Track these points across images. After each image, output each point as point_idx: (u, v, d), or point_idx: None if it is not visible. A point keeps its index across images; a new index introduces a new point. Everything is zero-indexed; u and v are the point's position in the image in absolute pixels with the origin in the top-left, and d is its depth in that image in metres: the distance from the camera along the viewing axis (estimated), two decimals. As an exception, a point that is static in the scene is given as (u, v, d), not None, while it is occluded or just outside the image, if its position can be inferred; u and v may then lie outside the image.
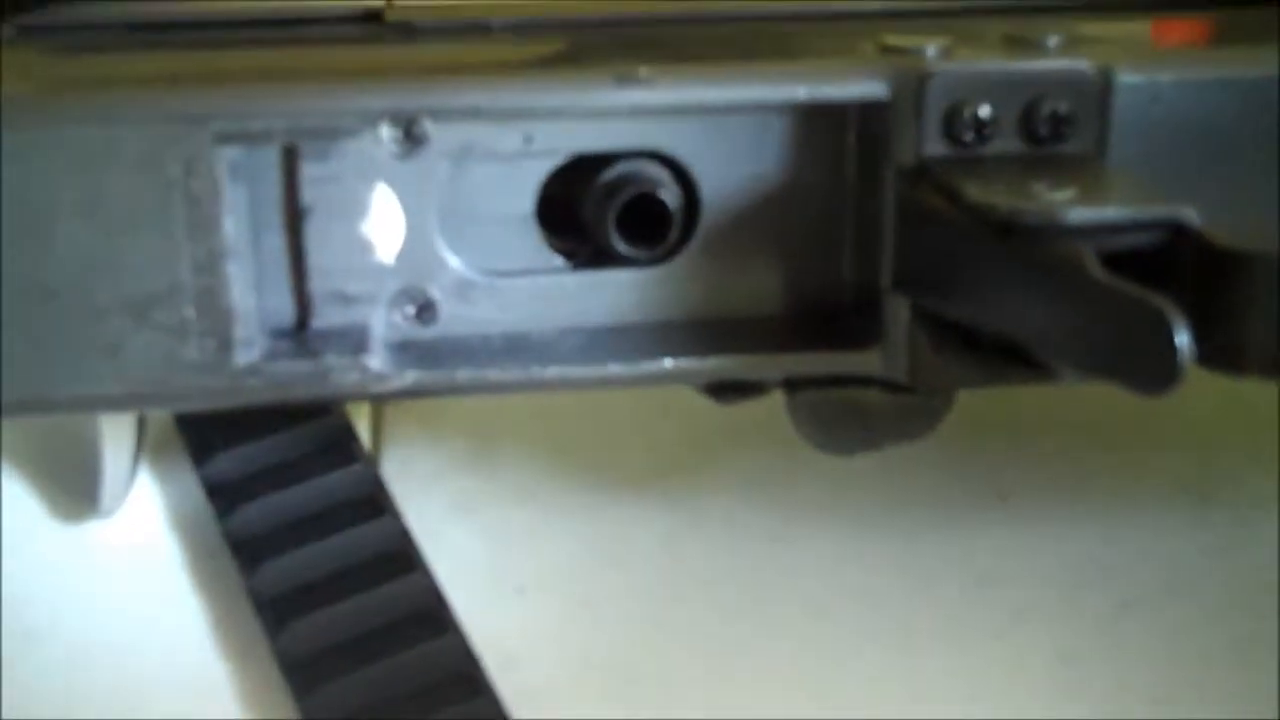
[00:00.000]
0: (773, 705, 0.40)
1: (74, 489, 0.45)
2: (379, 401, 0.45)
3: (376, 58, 0.37)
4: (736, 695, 0.40)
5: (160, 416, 0.46)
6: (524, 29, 0.38)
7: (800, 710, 0.40)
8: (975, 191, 0.31)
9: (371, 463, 0.45)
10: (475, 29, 0.38)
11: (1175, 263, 0.30)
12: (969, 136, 0.33)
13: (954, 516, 0.45)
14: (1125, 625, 0.42)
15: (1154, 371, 0.27)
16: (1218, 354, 0.28)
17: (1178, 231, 0.30)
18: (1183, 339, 0.27)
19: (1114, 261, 0.29)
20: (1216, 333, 0.28)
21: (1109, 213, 0.30)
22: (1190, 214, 0.30)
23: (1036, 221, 0.30)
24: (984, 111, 0.33)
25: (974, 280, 0.32)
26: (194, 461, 0.45)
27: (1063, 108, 0.34)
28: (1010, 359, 0.33)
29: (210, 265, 0.33)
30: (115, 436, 0.43)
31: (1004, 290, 0.31)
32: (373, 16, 0.39)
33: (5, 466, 0.46)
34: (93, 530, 0.45)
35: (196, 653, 0.41)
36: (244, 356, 0.34)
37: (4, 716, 0.39)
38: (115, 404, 0.36)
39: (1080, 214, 0.30)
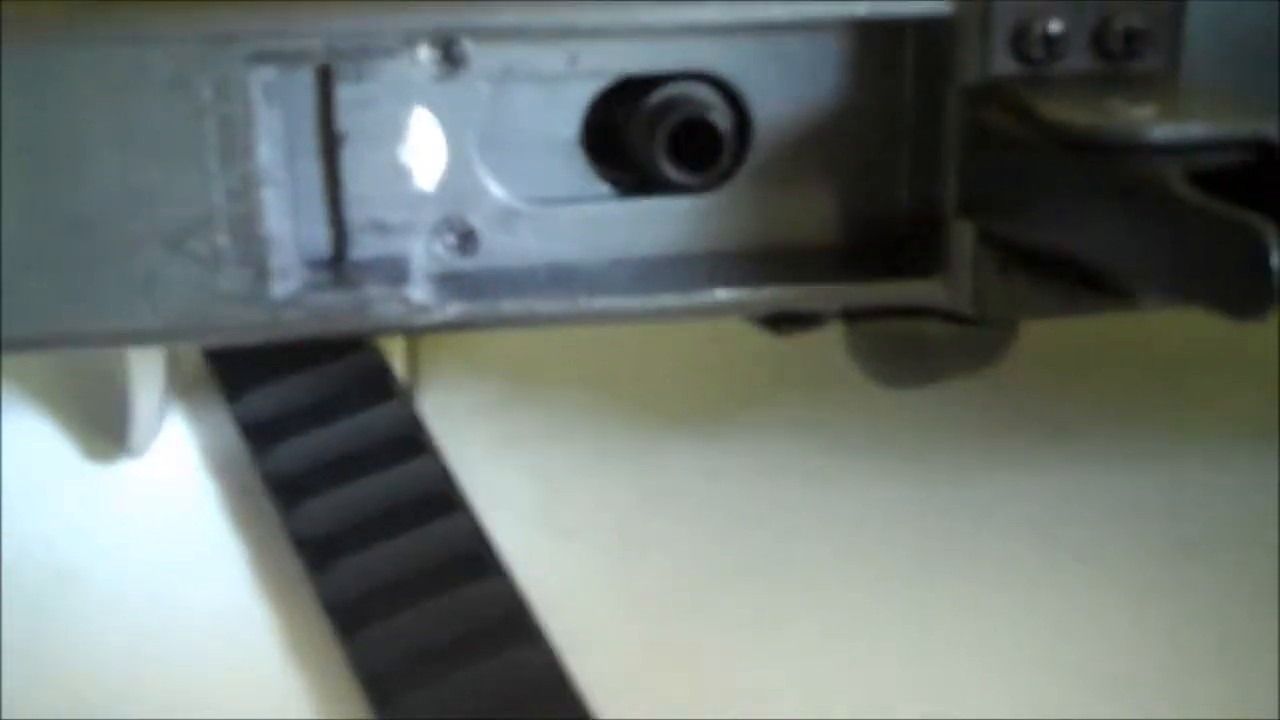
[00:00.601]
0: (825, 648, 0.39)
1: (104, 428, 0.44)
2: (419, 335, 0.44)
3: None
4: (786, 638, 0.39)
5: (191, 353, 0.45)
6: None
7: (854, 651, 0.39)
8: (1050, 109, 0.30)
9: (409, 399, 0.44)
10: (516, -53, 0.37)
11: (1261, 182, 0.28)
12: (1039, 53, 0.32)
13: (1009, 454, 0.44)
14: (1189, 564, 0.40)
15: (1247, 294, 0.26)
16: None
17: (1265, 149, 0.28)
18: (1277, 257, 0.25)
19: (1201, 181, 0.27)
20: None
21: (1195, 129, 0.29)
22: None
23: (1118, 139, 0.29)
24: (1054, 27, 0.32)
25: (1047, 203, 0.31)
26: (227, 399, 0.44)
27: (1136, 22, 0.32)
28: (1084, 285, 0.32)
29: (244, 192, 0.32)
30: (145, 374, 0.42)
31: (1081, 212, 0.30)
32: (408, -66, 0.37)
33: (34, 405, 0.45)
34: (124, 470, 0.44)
35: (234, 594, 0.40)
36: (281, 287, 0.33)
37: (39, 659, 0.39)
38: (151, 338, 0.35)
39: (1165, 131, 0.28)
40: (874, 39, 0.34)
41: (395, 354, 0.45)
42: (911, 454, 0.44)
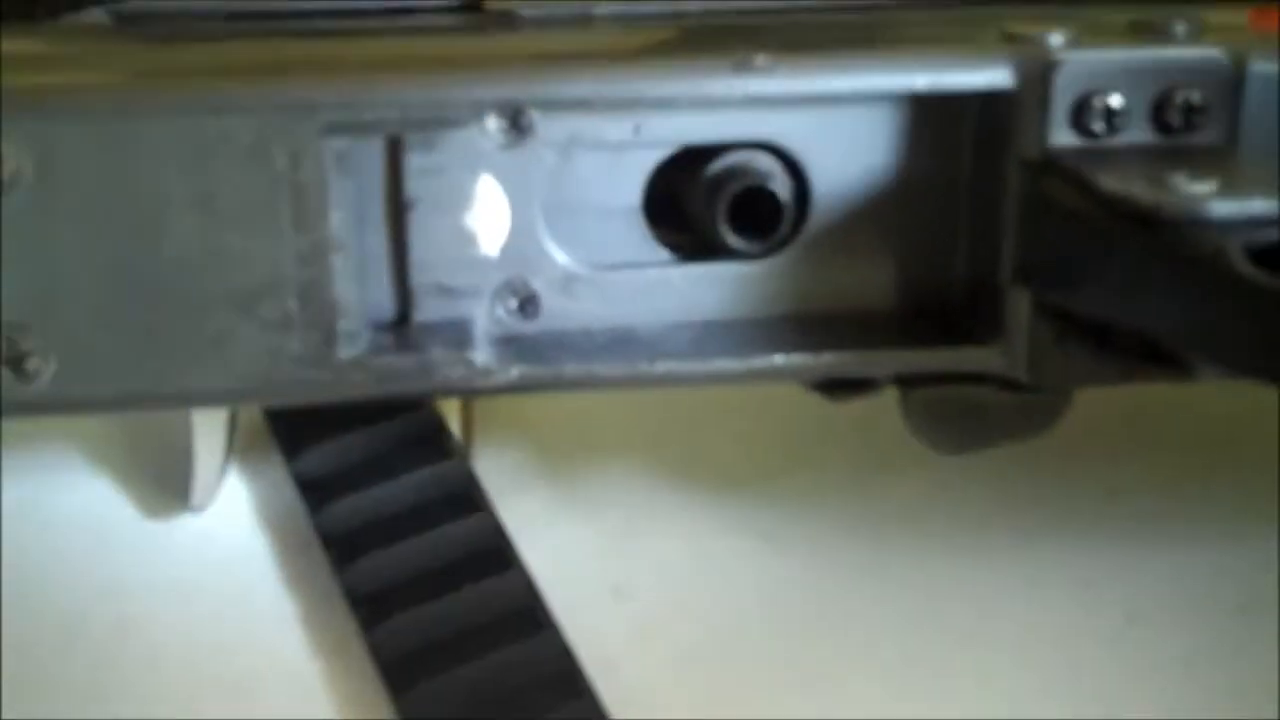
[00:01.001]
0: (877, 708, 0.39)
1: (166, 484, 0.45)
2: (482, 396, 0.45)
3: (480, 47, 0.36)
4: (839, 699, 0.39)
5: (251, 411, 0.46)
6: (628, 18, 0.38)
7: (908, 714, 0.39)
8: (1112, 183, 0.30)
9: (464, 458, 0.44)
10: (578, 18, 0.38)
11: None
12: (1099, 127, 0.32)
13: (1062, 516, 0.44)
14: (1243, 629, 0.40)
15: (1309, 372, 0.26)
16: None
17: (1323, 225, 0.29)
18: (1340, 338, 0.26)
19: (1260, 257, 0.28)
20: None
21: (1256, 205, 0.29)
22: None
23: (1180, 214, 0.29)
24: (1115, 101, 0.32)
25: (1106, 274, 0.31)
26: (285, 456, 0.44)
27: (1196, 97, 0.33)
28: (1140, 355, 0.32)
29: (315, 258, 0.33)
30: (207, 431, 0.43)
31: (1141, 284, 0.30)
32: (472, 6, 0.38)
33: (98, 460, 0.46)
34: (184, 525, 0.44)
35: (289, 650, 0.41)
36: (348, 350, 0.34)
37: (93, 710, 0.39)
38: (220, 398, 0.35)
39: (1226, 207, 0.29)
40: (932, 112, 0.35)
41: (451, 413, 0.46)
42: (965, 516, 0.44)
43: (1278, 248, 0.28)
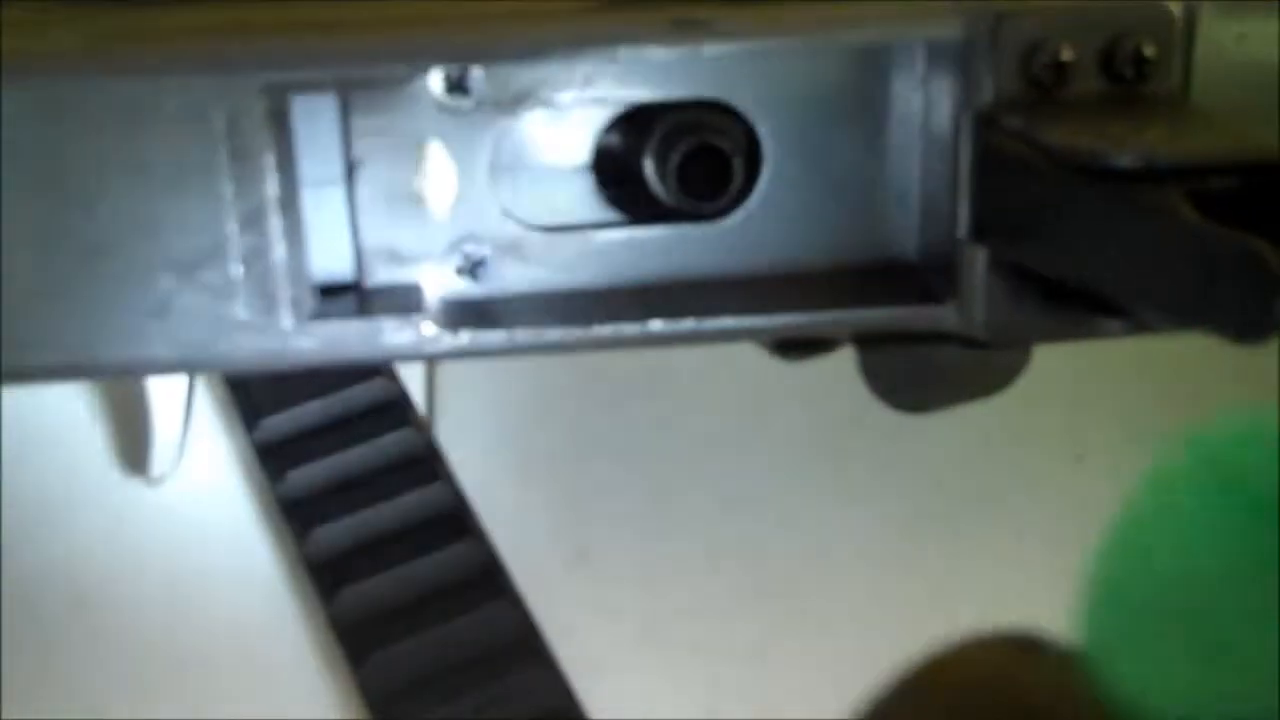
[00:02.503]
0: (835, 677, 0.39)
1: (126, 456, 0.44)
2: (431, 360, 0.44)
3: (423, 8, 0.35)
4: (799, 660, 0.39)
5: (214, 382, 0.46)
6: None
7: (871, 675, 0.38)
8: (1057, 135, 0.30)
9: (425, 426, 0.44)
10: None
11: (1268, 206, 0.28)
12: (1048, 78, 0.32)
13: (1029, 477, 0.43)
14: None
15: (1249, 320, 0.25)
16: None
17: (1271, 172, 0.28)
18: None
19: (1206, 205, 0.27)
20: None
21: (1199, 153, 0.28)
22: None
23: (1124, 164, 0.28)
24: (1064, 53, 0.32)
25: (1056, 227, 0.30)
26: (245, 426, 0.44)
27: (1146, 46, 0.32)
28: (1094, 310, 0.31)
29: (256, 222, 0.32)
30: (164, 403, 0.42)
31: (1089, 236, 0.29)
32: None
33: (55, 434, 0.46)
34: (144, 496, 0.44)
35: (251, 617, 0.41)
36: (292, 316, 0.33)
37: (56, 682, 0.39)
38: (164, 366, 0.35)
39: (1169, 155, 0.28)
40: (885, 65, 0.34)
41: (414, 381, 0.45)
42: (930, 475, 0.44)
43: (1223, 196, 0.28)
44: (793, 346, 0.36)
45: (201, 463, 0.45)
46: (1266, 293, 0.25)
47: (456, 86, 0.33)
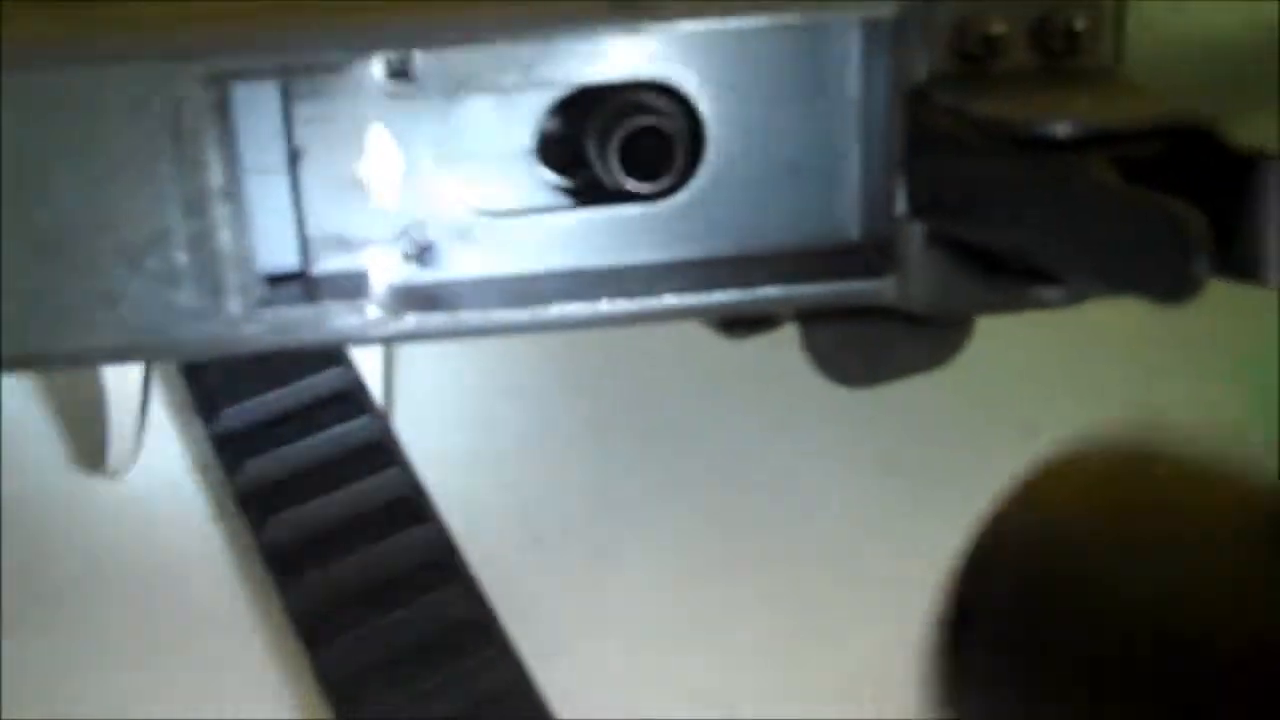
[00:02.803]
0: (799, 653, 0.39)
1: (83, 449, 0.44)
2: (381, 345, 0.45)
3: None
4: (760, 645, 0.39)
5: (169, 372, 0.46)
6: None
7: (829, 659, 0.39)
8: (987, 107, 0.30)
9: (382, 414, 0.44)
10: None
11: (1192, 171, 0.29)
12: (979, 51, 0.32)
13: (979, 452, 0.44)
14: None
15: (1172, 281, 0.26)
16: (1238, 264, 0.27)
17: (1194, 137, 0.29)
18: (1201, 247, 0.25)
19: (1131, 171, 0.28)
20: (1236, 242, 0.27)
21: (1122, 120, 0.29)
22: (1207, 119, 0.28)
23: (1050, 132, 0.29)
24: (995, 26, 0.32)
25: (988, 199, 0.31)
26: (201, 416, 0.44)
27: (1077, 19, 0.32)
28: (1031, 281, 0.32)
29: (200, 209, 0.32)
30: (121, 394, 0.42)
31: (1019, 206, 0.30)
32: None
33: (13, 426, 0.46)
34: (103, 489, 0.44)
35: (210, 610, 0.41)
36: (239, 302, 0.33)
37: (11, 678, 0.39)
38: (114, 355, 0.35)
39: (1096, 122, 0.29)
40: (821, 43, 0.34)
41: (372, 368, 0.46)
42: (879, 453, 0.44)
43: (1149, 162, 0.28)
44: (737, 325, 0.36)
45: (158, 456, 0.45)
46: (1188, 254, 0.26)
47: (399, 72, 0.33)
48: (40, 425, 0.46)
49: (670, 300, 0.34)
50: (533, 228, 0.35)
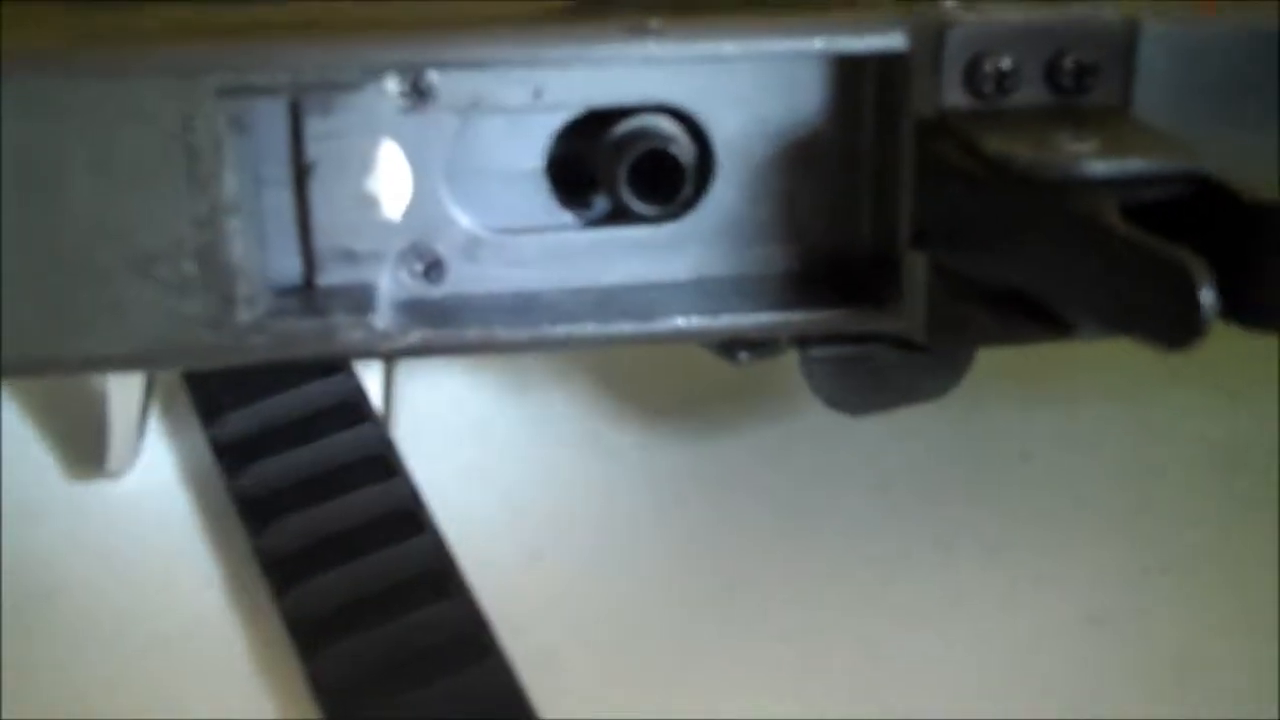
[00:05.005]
0: (788, 673, 0.39)
1: (82, 450, 0.45)
2: (387, 359, 0.45)
3: (380, 11, 0.36)
4: (751, 663, 0.39)
5: (169, 377, 0.46)
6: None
7: (818, 680, 0.39)
8: (995, 143, 0.31)
9: (382, 423, 0.44)
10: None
11: (1200, 216, 0.29)
12: (990, 88, 0.32)
13: (975, 478, 0.44)
14: (1151, 590, 0.41)
15: (1176, 326, 0.26)
16: (1244, 309, 0.27)
17: (1202, 184, 0.29)
18: (1206, 293, 0.26)
19: (1139, 215, 0.28)
20: (1242, 287, 0.27)
21: (1131, 164, 0.29)
22: (1214, 167, 0.29)
23: (1057, 173, 0.29)
24: (1005, 63, 0.32)
25: (994, 234, 0.31)
26: (202, 421, 0.44)
27: (1088, 59, 0.33)
28: (1031, 316, 0.32)
29: (211, 220, 0.33)
30: (122, 397, 0.43)
31: (1024, 244, 0.30)
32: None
33: (12, 428, 0.46)
34: (101, 492, 0.44)
35: (206, 614, 0.41)
36: (247, 313, 0.33)
37: (9, 678, 0.39)
38: (121, 363, 0.35)
39: (1102, 166, 0.29)
40: (833, 73, 0.35)
41: (372, 378, 0.46)
42: (879, 477, 0.44)
43: (1154, 206, 0.29)
44: (739, 348, 0.36)
45: (157, 461, 0.45)
46: (1191, 302, 0.26)
47: (412, 90, 0.34)
48: (40, 427, 0.46)
49: (676, 323, 0.35)
50: (540, 246, 0.36)
